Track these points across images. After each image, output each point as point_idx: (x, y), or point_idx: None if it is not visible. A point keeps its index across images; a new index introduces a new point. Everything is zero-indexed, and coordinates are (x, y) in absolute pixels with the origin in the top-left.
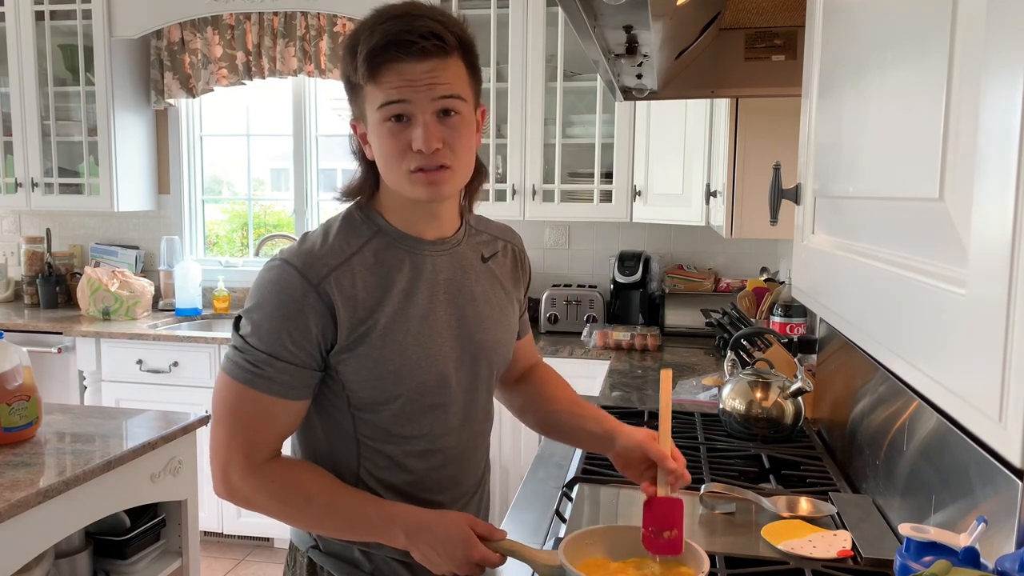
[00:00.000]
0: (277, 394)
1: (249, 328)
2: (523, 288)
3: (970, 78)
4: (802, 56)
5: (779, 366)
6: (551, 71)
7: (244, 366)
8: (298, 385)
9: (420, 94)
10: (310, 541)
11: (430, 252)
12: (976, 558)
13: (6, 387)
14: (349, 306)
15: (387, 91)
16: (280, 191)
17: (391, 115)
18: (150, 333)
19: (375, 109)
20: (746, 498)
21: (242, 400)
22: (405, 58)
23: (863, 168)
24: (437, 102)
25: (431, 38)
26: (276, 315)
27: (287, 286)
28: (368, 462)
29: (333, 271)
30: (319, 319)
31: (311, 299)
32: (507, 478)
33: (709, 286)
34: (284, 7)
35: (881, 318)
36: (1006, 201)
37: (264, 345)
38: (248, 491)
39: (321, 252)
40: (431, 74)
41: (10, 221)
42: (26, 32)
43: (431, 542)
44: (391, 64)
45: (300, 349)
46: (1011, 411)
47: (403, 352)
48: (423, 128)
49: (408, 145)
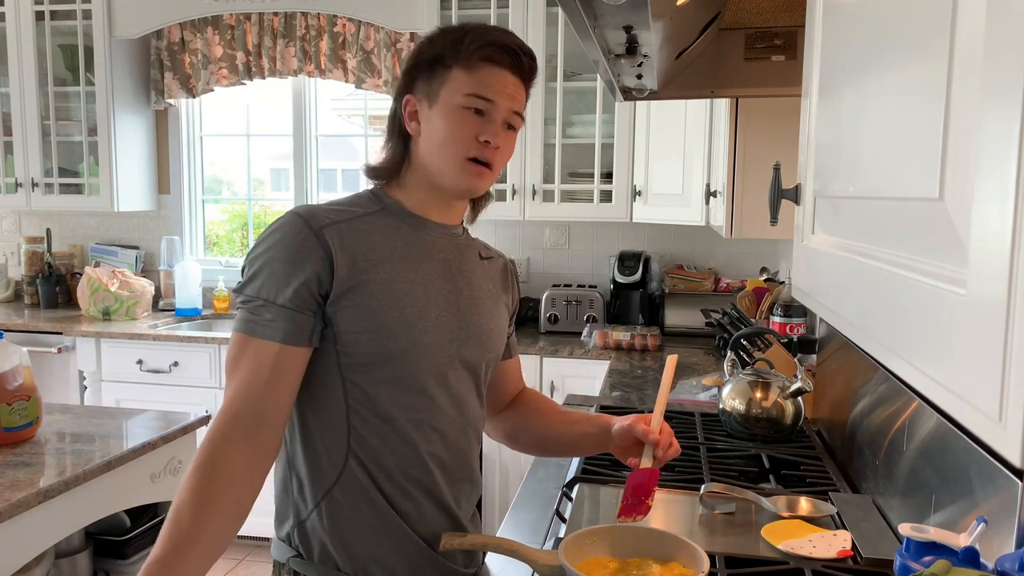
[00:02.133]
0: (273, 338)
1: (250, 273)
2: (514, 302)
3: (970, 78)
4: (802, 56)
5: (779, 366)
6: (551, 71)
7: (246, 316)
8: (296, 331)
9: (504, 100)
10: (290, 552)
11: (432, 231)
12: (976, 558)
13: (6, 387)
14: (347, 255)
15: (479, 85)
16: (280, 191)
17: (473, 106)
18: (150, 333)
19: (460, 93)
20: (746, 498)
21: (242, 349)
22: (506, 65)
23: (863, 168)
24: (511, 115)
25: (529, 57)
26: (276, 258)
27: (289, 230)
28: (357, 433)
29: (335, 223)
30: (317, 264)
31: (311, 243)
32: (507, 478)
33: (709, 286)
34: (284, 7)
35: (881, 318)
36: (1006, 201)
37: (263, 291)
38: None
39: (326, 208)
40: (516, 89)
41: (10, 221)
42: (26, 32)
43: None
44: (494, 66)
45: (296, 294)
46: (1011, 411)
47: (401, 308)
48: (496, 127)
49: (475, 134)
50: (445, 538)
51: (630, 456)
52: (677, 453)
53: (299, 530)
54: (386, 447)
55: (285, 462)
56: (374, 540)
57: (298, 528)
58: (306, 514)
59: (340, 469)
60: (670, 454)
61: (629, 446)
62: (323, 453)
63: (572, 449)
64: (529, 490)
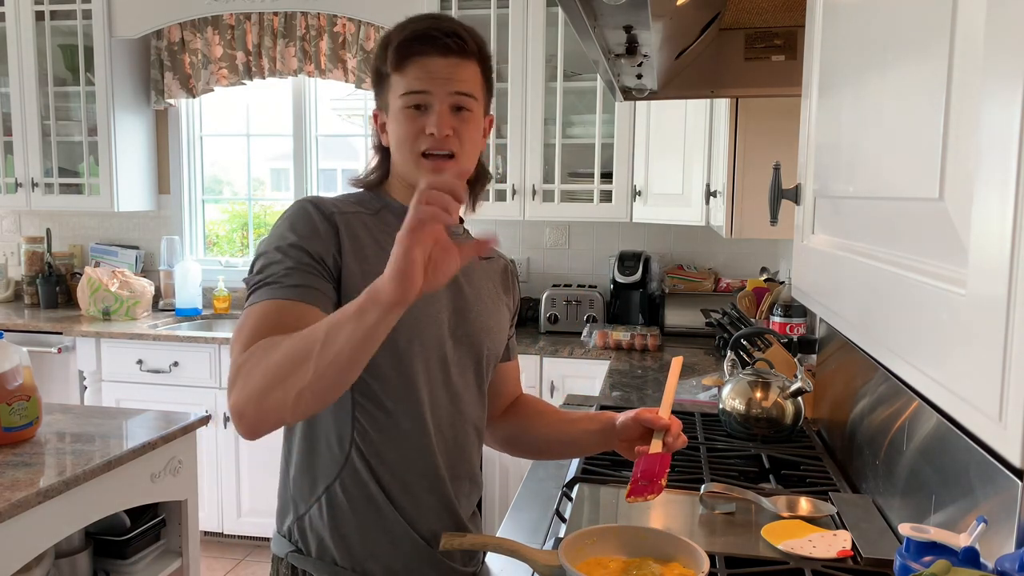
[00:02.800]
0: (295, 298)
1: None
2: (515, 302)
3: (970, 78)
4: (802, 56)
5: (779, 366)
6: (551, 71)
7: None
8: (316, 291)
9: (438, 86)
10: (289, 547)
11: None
12: (976, 558)
13: (6, 387)
14: (355, 243)
15: (410, 81)
16: (280, 191)
17: (411, 103)
18: (150, 333)
19: (397, 96)
20: (746, 498)
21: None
22: (429, 51)
23: (863, 168)
24: (453, 96)
25: (453, 36)
26: (292, 235)
27: (302, 214)
28: (360, 426)
29: (344, 214)
30: (331, 239)
31: (324, 224)
32: (507, 478)
33: (709, 286)
34: (284, 7)
35: (881, 318)
36: (1006, 201)
37: (282, 260)
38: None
39: (331, 200)
40: (450, 70)
41: (10, 221)
42: (26, 32)
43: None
44: (416, 57)
45: (315, 261)
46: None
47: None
48: (437, 116)
49: (422, 129)
50: (445, 538)
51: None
52: (684, 444)
53: (298, 524)
54: (389, 441)
55: (287, 455)
56: (372, 536)
57: (297, 522)
58: (305, 508)
59: (342, 463)
60: (678, 444)
61: (634, 438)
62: (325, 447)
63: (574, 448)
64: (529, 490)
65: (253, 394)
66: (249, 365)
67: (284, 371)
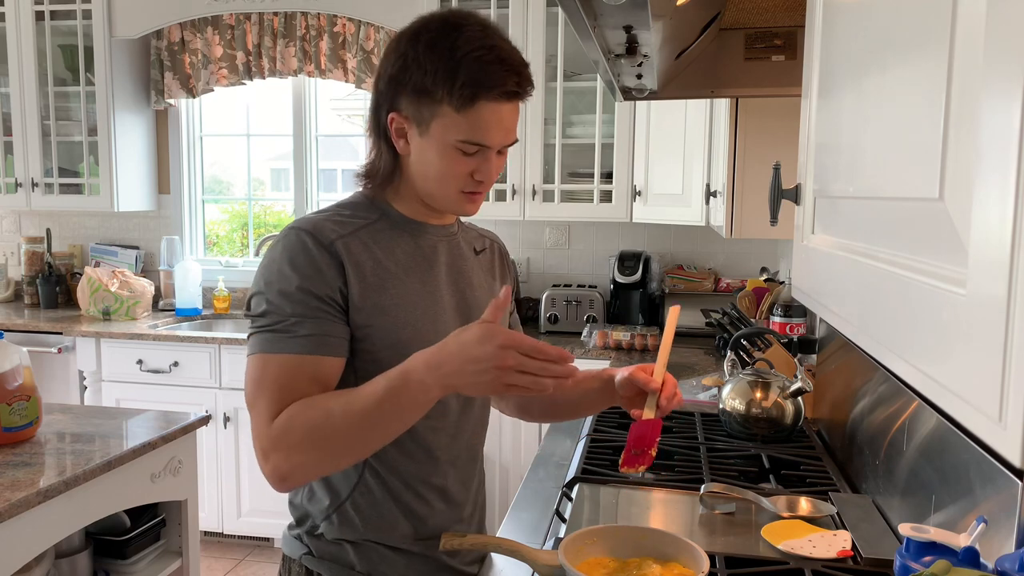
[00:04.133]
0: (311, 351)
1: (270, 296)
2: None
3: (970, 78)
4: (802, 56)
5: (779, 366)
6: (551, 71)
7: (270, 337)
8: (332, 340)
9: (500, 140)
10: (303, 549)
11: (432, 235)
12: (976, 558)
13: (6, 387)
14: (358, 271)
15: (474, 131)
16: (280, 191)
17: (469, 150)
18: (150, 333)
19: (454, 135)
20: (746, 498)
21: (274, 370)
22: (499, 98)
23: (863, 168)
24: (505, 148)
25: (528, 79)
26: (295, 276)
27: (301, 247)
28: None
29: (342, 237)
30: (336, 273)
31: (325, 257)
32: (507, 478)
33: (709, 286)
34: (284, 7)
35: (881, 318)
36: (1006, 201)
37: (290, 307)
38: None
39: (329, 221)
40: (511, 118)
41: (10, 221)
42: (26, 32)
43: (455, 362)
44: (485, 103)
45: (324, 303)
46: (1011, 411)
47: (414, 323)
48: (490, 165)
49: (470, 172)
50: (445, 538)
51: (635, 407)
52: (680, 403)
53: (311, 533)
54: (402, 455)
55: None
56: (385, 545)
57: (310, 531)
58: (319, 522)
59: (355, 482)
60: (673, 404)
61: (633, 396)
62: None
63: (581, 409)
64: (529, 490)
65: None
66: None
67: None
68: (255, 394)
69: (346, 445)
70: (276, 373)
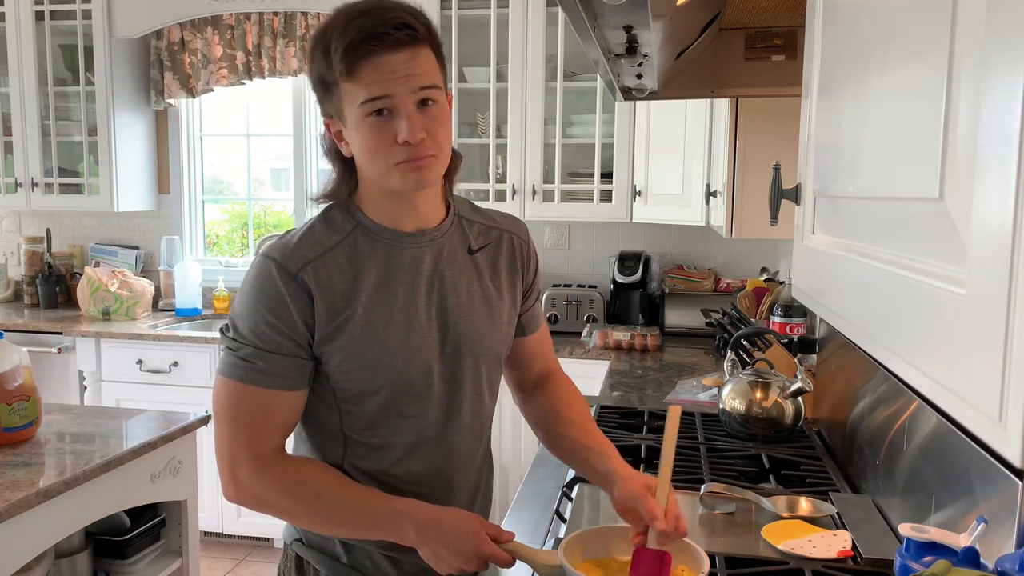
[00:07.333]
0: (272, 386)
1: (237, 325)
2: (526, 279)
3: (970, 78)
4: (802, 56)
5: (779, 366)
6: (551, 71)
7: (236, 363)
8: (291, 375)
9: (400, 86)
10: (295, 534)
11: (409, 244)
12: (976, 558)
13: (6, 387)
14: (327, 296)
15: (368, 87)
16: (280, 191)
17: (373, 110)
18: (150, 333)
19: (356, 106)
20: (746, 498)
21: (239, 397)
22: (382, 51)
23: (863, 168)
24: (417, 93)
25: (404, 28)
26: (260, 307)
27: (268, 279)
28: (352, 455)
29: (311, 262)
30: (301, 307)
31: (291, 289)
32: (507, 478)
33: (709, 286)
34: (284, 7)
35: (881, 318)
36: (1006, 201)
37: (253, 339)
38: (258, 489)
39: (299, 245)
40: (408, 65)
41: (10, 221)
42: (26, 32)
43: (441, 537)
44: (368, 59)
45: (286, 339)
46: (1011, 411)
47: (383, 342)
48: (407, 120)
49: (393, 138)
50: None
51: (628, 517)
52: (684, 533)
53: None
54: (382, 469)
55: None
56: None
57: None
58: None
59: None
60: (676, 536)
61: (631, 511)
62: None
63: (576, 468)
64: (529, 490)
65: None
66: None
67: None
68: (223, 415)
69: (314, 522)
70: (234, 400)
